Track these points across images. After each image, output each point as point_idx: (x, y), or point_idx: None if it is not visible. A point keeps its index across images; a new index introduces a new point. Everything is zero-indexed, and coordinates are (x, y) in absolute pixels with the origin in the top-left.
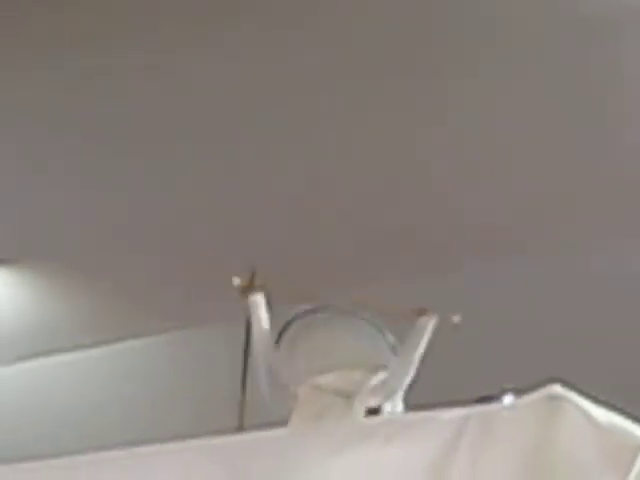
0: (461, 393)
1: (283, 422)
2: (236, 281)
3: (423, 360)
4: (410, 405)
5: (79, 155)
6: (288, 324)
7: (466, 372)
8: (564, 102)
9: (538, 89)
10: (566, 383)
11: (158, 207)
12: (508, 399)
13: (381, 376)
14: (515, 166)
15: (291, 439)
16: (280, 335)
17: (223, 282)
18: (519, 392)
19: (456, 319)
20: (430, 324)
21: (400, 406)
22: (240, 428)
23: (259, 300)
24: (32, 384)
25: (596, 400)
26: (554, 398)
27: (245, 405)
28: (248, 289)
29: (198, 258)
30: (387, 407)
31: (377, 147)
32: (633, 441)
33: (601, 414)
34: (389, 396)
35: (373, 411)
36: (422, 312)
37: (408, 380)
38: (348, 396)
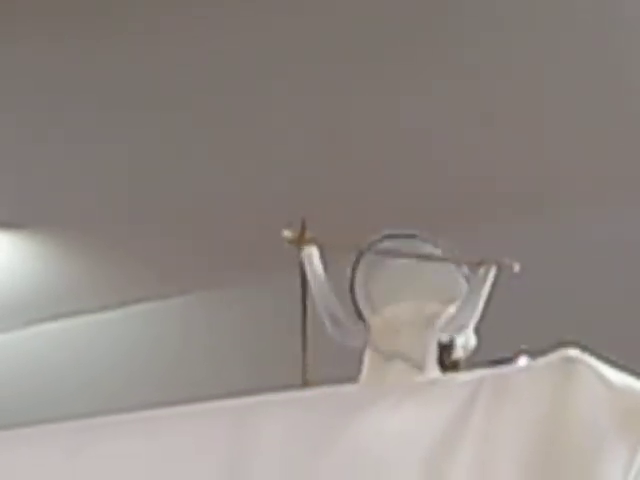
0: (475, 355)
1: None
2: (287, 233)
3: None
4: None
5: (89, 120)
6: (364, 250)
7: (480, 334)
8: (567, 71)
9: (539, 54)
10: (581, 346)
11: (172, 169)
12: (523, 361)
13: (452, 309)
14: (520, 133)
15: (300, 402)
16: (355, 263)
17: (235, 245)
18: (534, 354)
19: (516, 267)
20: (489, 274)
21: (473, 340)
22: (304, 384)
23: (313, 252)
24: (42, 349)
25: (612, 363)
26: (569, 360)
27: (307, 362)
28: (300, 241)
29: (210, 221)
30: (459, 341)
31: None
32: None
33: (616, 377)
34: (458, 330)
35: (445, 347)
36: (481, 262)
37: (474, 319)
38: (421, 328)
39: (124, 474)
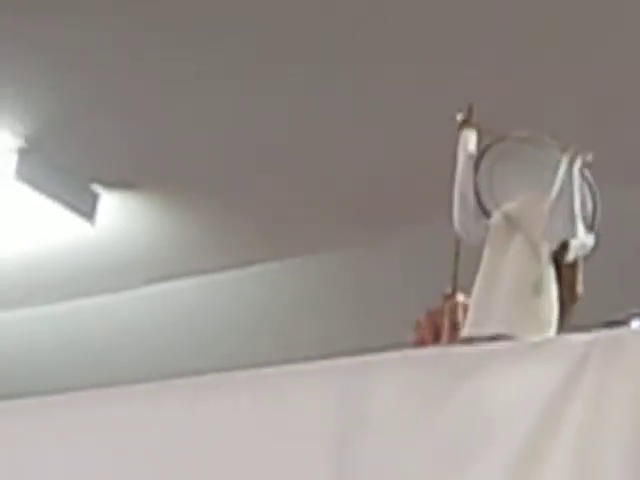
0: (587, 317)
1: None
2: (458, 116)
3: None
4: None
5: (206, 74)
6: (487, 147)
7: (593, 296)
8: None
9: None
10: None
11: (291, 135)
12: (636, 324)
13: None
14: None
15: (413, 362)
16: (479, 158)
17: (346, 207)
18: None
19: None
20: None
21: (589, 239)
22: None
23: (471, 135)
24: (159, 307)
25: None
26: None
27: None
28: (465, 124)
29: (323, 183)
30: (573, 243)
31: None
32: None
33: None
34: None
35: (562, 246)
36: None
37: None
38: (534, 226)
39: (239, 425)
